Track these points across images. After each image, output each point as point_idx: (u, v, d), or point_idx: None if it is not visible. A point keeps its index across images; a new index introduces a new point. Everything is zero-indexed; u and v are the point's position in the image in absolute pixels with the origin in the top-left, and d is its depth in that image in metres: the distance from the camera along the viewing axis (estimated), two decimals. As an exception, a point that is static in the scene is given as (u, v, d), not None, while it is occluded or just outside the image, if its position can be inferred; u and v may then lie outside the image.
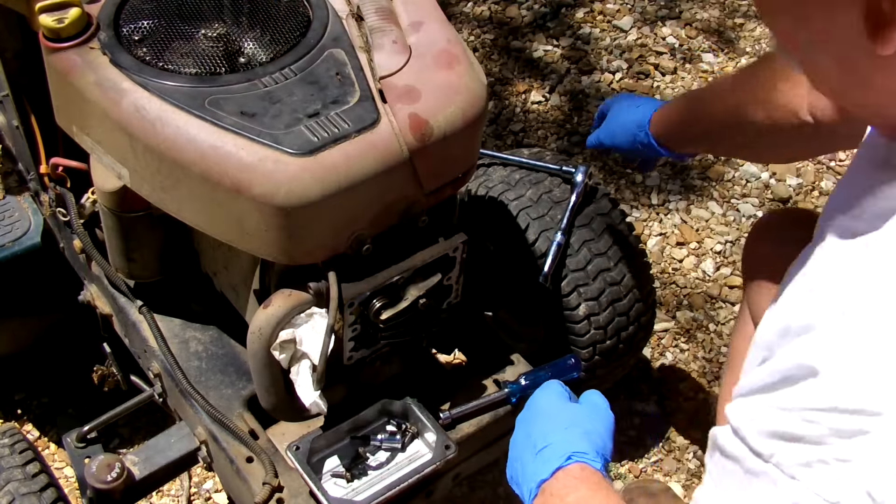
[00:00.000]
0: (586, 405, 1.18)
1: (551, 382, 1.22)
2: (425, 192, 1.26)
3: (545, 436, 1.09)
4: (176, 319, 1.58)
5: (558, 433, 1.09)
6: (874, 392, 0.60)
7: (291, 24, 1.30)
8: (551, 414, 1.15)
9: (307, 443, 1.34)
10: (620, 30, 2.92)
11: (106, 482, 1.38)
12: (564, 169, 1.68)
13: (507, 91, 2.73)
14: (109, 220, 1.44)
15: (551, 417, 1.14)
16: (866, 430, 0.60)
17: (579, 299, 1.61)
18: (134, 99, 1.19)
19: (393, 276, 1.26)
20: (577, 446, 1.05)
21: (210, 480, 1.93)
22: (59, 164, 1.56)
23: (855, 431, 0.61)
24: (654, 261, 2.31)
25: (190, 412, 1.47)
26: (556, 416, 1.14)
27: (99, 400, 1.68)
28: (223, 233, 1.24)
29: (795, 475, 0.64)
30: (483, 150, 1.75)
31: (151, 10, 1.30)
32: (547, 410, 1.16)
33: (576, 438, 1.07)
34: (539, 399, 1.19)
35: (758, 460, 0.67)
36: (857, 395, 0.61)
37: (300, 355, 1.27)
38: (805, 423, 0.64)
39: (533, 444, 1.09)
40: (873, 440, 0.60)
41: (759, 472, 0.67)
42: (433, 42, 1.29)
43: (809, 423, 0.63)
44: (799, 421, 0.64)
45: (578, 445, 1.05)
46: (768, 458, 0.66)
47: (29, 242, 1.71)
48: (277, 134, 1.15)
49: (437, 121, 1.21)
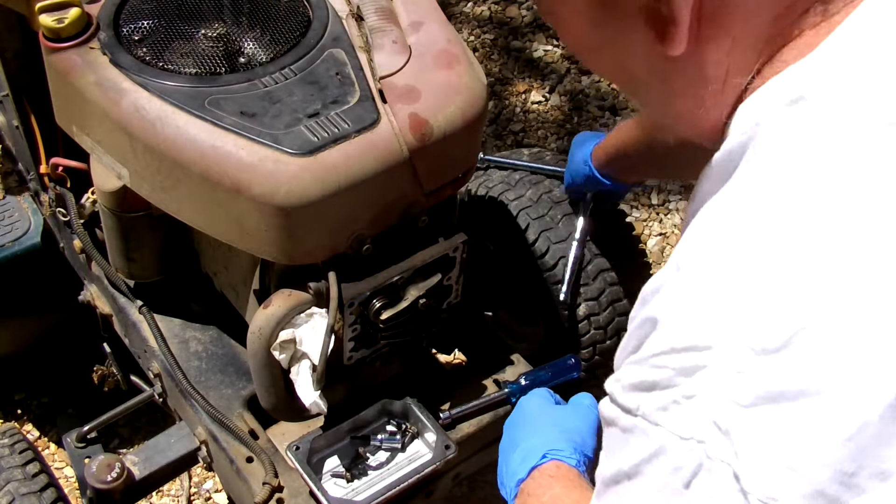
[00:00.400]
0: (570, 406, 1.20)
1: (538, 389, 1.25)
2: (425, 192, 1.26)
3: (525, 438, 1.11)
4: (176, 319, 1.58)
5: (537, 435, 1.10)
6: (703, 327, 0.64)
7: (291, 24, 1.30)
8: (534, 417, 1.17)
9: (307, 443, 1.34)
10: (620, 30, 2.92)
11: (106, 482, 1.38)
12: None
13: (507, 91, 2.73)
14: (109, 220, 1.44)
15: (533, 420, 1.16)
16: (703, 365, 0.63)
17: (579, 299, 1.61)
18: (134, 99, 1.19)
19: (393, 276, 1.26)
20: (554, 444, 1.07)
21: (210, 480, 1.93)
22: (59, 164, 1.56)
23: (694, 368, 0.64)
24: (654, 261, 2.31)
25: (190, 412, 1.47)
26: (537, 419, 1.16)
27: (99, 400, 1.68)
28: (223, 233, 1.24)
29: (658, 421, 0.66)
30: (498, 157, 1.76)
31: (151, 10, 1.30)
32: (530, 414, 1.18)
33: (553, 437, 1.08)
34: (524, 404, 1.21)
35: (628, 416, 0.70)
36: (688, 334, 0.65)
37: (300, 355, 1.27)
38: (654, 370, 0.67)
39: (514, 447, 1.11)
40: (710, 373, 0.63)
41: (632, 427, 0.69)
42: (433, 42, 1.29)
43: (658, 368, 0.67)
44: (650, 368, 0.67)
45: (555, 444, 1.07)
46: (636, 412, 0.69)
47: (29, 242, 1.71)
48: (277, 134, 1.15)
49: (437, 121, 1.21)
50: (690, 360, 0.64)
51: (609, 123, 2.64)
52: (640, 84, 0.79)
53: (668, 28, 0.68)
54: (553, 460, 1.05)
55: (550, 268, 1.60)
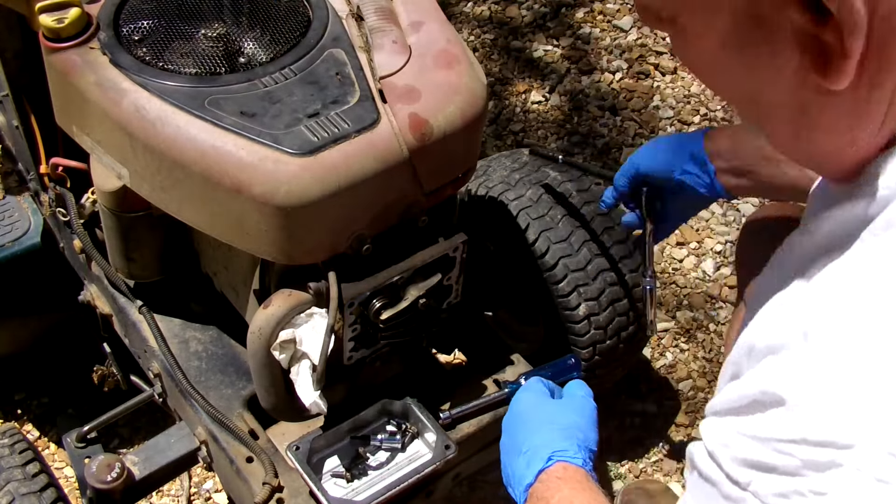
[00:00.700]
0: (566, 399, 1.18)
1: (531, 381, 1.23)
2: (425, 192, 1.26)
3: (526, 438, 1.10)
4: (176, 319, 1.58)
5: (538, 434, 1.09)
6: (844, 423, 0.59)
7: (291, 24, 1.30)
8: (531, 415, 1.15)
9: (307, 443, 1.34)
10: (620, 30, 2.92)
11: (106, 482, 1.38)
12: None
13: (507, 91, 2.73)
14: (109, 220, 1.44)
15: (531, 418, 1.14)
16: (839, 463, 0.59)
17: (579, 299, 1.61)
18: (134, 99, 1.19)
19: (393, 276, 1.26)
20: (557, 445, 1.05)
21: (210, 480, 1.93)
22: (59, 164, 1.56)
23: (828, 464, 0.60)
24: (654, 261, 2.31)
25: (190, 412, 1.47)
26: (535, 417, 1.14)
27: (99, 400, 1.68)
28: (223, 233, 1.24)
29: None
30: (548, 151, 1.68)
31: (151, 10, 1.30)
32: (526, 412, 1.16)
33: (555, 437, 1.07)
34: (519, 401, 1.19)
35: (735, 487, 0.66)
36: (826, 427, 0.60)
37: (300, 355, 1.27)
38: (778, 455, 0.63)
39: (517, 448, 1.09)
40: (846, 474, 0.59)
41: (737, 499, 0.66)
42: (433, 42, 1.29)
43: (782, 454, 0.62)
44: (772, 452, 0.63)
45: (558, 444, 1.06)
46: (745, 486, 0.65)
47: (29, 242, 1.71)
48: (277, 134, 1.15)
49: (436, 121, 1.21)
50: (825, 456, 0.59)
51: (609, 123, 2.64)
52: (772, 112, 0.70)
53: (833, 59, 0.60)
54: (559, 462, 1.04)
55: (550, 268, 1.60)
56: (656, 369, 2.14)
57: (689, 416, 2.06)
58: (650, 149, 1.41)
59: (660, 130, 2.63)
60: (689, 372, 2.13)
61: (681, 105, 2.71)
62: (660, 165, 1.38)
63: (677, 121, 2.66)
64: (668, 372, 2.14)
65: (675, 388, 2.10)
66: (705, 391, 2.10)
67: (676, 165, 1.36)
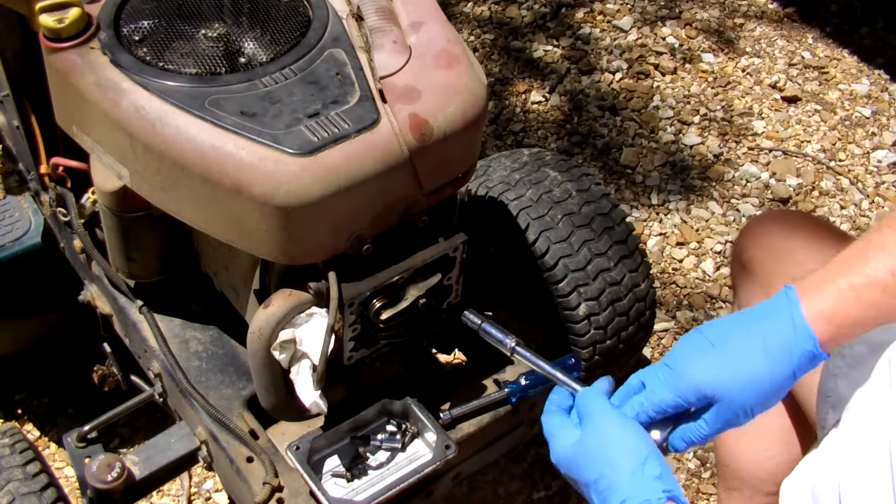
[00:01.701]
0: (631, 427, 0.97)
1: (596, 396, 1.02)
2: (425, 192, 1.26)
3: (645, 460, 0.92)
4: (176, 319, 1.58)
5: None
6: None
7: (291, 24, 1.30)
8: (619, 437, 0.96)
9: (307, 443, 1.34)
10: (620, 30, 2.92)
11: (106, 482, 1.38)
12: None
13: (507, 91, 2.73)
14: (109, 220, 1.44)
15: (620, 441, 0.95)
16: None
17: (579, 299, 1.61)
18: (134, 99, 1.19)
19: (393, 276, 1.26)
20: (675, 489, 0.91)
21: (210, 480, 1.93)
22: (59, 164, 1.56)
23: None
24: (654, 261, 2.31)
25: (190, 412, 1.47)
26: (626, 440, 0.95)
27: (99, 400, 1.68)
28: (223, 233, 1.24)
29: None
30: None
31: (151, 10, 1.30)
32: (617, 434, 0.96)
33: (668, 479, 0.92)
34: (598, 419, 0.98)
35: None
36: None
37: (300, 355, 1.27)
38: None
39: (633, 462, 0.93)
40: None
41: None
42: (433, 42, 1.29)
43: None
44: None
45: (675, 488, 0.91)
46: None
47: (29, 242, 1.71)
48: (277, 134, 1.15)
49: (436, 121, 1.21)
50: None
51: (609, 123, 2.64)
52: None
53: None
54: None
55: (550, 268, 1.61)
56: (656, 369, 2.14)
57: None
58: (725, 369, 0.97)
59: (660, 130, 2.64)
60: (689, 372, 2.13)
61: (681, 105, 2.71)
62: (757, 398, 0.96)
63: (677, 121, 2.66)
64: (668, 372, 2.13)
65: (675, 388, 2.10)
66: (705, 391, 2.09)
67: (782, 389, 0.97)
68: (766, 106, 2.75)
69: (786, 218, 1.47)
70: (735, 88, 2.79)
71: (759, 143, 2.64)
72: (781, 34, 2.99)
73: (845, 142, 2.67)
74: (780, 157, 2.60)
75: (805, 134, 2.68)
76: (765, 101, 2.76)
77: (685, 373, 0.96)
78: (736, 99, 2.75)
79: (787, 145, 2.64)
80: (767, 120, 2.70)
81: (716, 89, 2.77)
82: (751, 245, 1.49)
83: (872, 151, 2.65)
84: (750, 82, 2.81)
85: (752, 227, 1.53)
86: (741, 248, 1.53)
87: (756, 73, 2.84)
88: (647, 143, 2.60)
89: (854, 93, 2.81)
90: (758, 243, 1.46)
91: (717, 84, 2.79)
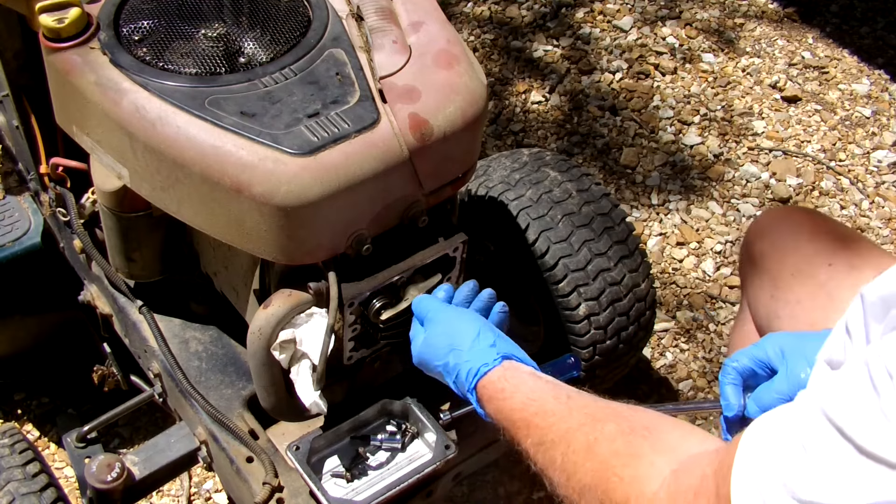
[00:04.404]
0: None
1: (425, 296, 1.26)
2: (425, 192, 1.26)
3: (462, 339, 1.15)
4: (176, 319, 1.58)
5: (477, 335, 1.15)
6: None
7: (291, 24, 1.30)
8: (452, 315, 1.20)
9: (307, 443, 1.34)
10: (620, 30, 2.92)
11: (106, 482, 1.38)
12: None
13: (507, 91, 2.73)
14: (109, 220, 1.44)
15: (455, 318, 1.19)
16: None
17: (579, 299, 1.61)
18: (134, 99, 1.19)
19: (393, 276, 1.26)
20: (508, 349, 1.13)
21: (210, 480, 1.93)
22: (59, 164, 1.56)
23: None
24: (654, 261, 2.31)
25: (190, 412, 1.47)
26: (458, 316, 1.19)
27: (99, 400, 1.68)
28: (223, 233, 1.24)
29: None
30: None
31: (151, 10, 1.30)
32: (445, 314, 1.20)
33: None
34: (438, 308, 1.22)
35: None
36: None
37: (300, 355, 1.27)
38: None
39: (469, 339, 1.14)
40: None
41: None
42: (433, 42, 1.29)
43: None
44: None
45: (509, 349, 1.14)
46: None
47: (29, 242, 1.71)
48: (277, 134, 1.15)
49: (436, 121, 1.21)
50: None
51: (609, 123, 2.64)
52: None
53: None
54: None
55: (550, 268, 1.61)
56: (656, 369, 2.14)
57: (688, 416, 2.06)
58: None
59: (660, 130, 2.64)
60: (688, 372, 2.13)
61: (681, 105, 2.71)
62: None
63: (677, 121, 2.66)
64: (668, 372, 2.14)
65: (675, 388, 2.10)
66: (705, 391, 2.10)
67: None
68: (766, 106, 2.75)
69: (793, 213, 1.49)
70: (735, 88, 2.79)
71: (759, 143, 2.64)
72: (781, 34, 2.99)
73: (845, 142, 2.67)
74: (781, 157, 2.60)
75: (805, 134, 2.68)
76: (765, 101, 2.76)
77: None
78: (736, 99, 2.76)
79: (788, 145, 2.64)
80: (767, 120, 2.70)
81: (716, 89, 2.78)
82: (759, 239, 1.49)
83: (873, 151, 2.65)
84: (750, 82, 2.81)
85: (761, 222, 1.54)
86: (749, 242, 1.53)
87: (756, 73, 2.84)
88: (647, 143, 2.60)
89: (854, 93, 2.81)
90: (766, 237, 1.46)
91: (718, 84, 2.79)
